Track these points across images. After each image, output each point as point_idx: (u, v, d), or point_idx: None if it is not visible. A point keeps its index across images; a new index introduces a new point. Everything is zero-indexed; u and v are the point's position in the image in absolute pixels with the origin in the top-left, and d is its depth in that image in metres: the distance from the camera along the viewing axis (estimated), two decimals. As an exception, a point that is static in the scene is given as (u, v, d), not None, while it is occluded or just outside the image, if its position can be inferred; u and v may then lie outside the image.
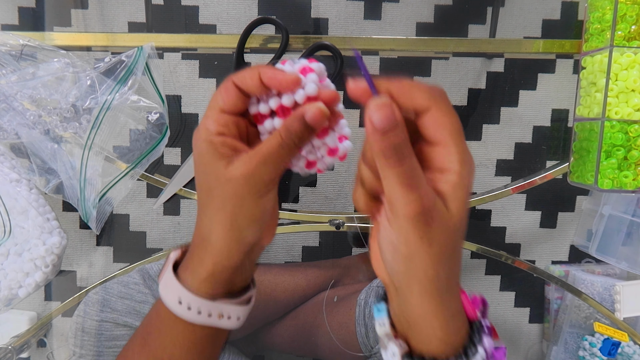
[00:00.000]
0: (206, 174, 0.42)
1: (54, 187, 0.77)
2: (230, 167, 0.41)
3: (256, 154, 0.41)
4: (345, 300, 0.86)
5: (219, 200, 0.42)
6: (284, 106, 0.43)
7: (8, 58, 0.71)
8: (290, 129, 0.41)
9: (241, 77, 0.42)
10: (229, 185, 0.41)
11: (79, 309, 0.76)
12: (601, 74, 0.69)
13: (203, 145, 0.42)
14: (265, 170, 0.41)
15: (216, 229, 0.42)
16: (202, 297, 0.44)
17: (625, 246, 0.97)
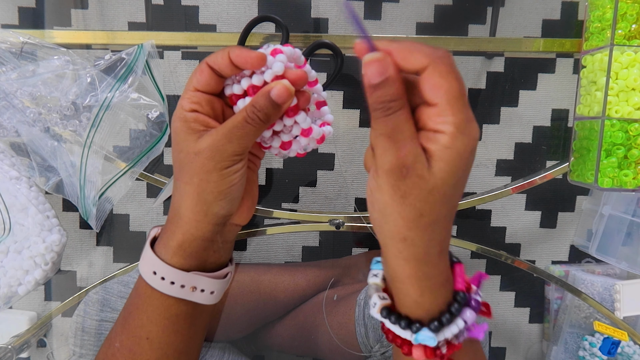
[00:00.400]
0: (179, 150, 0.44)
1: (54, 185, 0.77)
2: (199, 141, 0.43)
3: (222, 127, 0.44)
4: (345, 300, 0.86)
5: (188, 174, 0.44)
6: (255, 85, 0.45)
7: (8, 55, 0.71)
8: (255, 105, 0.43)
9: (213, 57, 0.44)
10: (196, 158, 0.43)
11: (79, 308, 0.76)
12: (601, 72, 0.69)
13: (177, 123, 0.44)
14: (230, 143, 0.43)
15: (185, 201, 0.45)
16: (175, 267, 0.46)
17: (625, 246, 0.97)
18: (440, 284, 0.40)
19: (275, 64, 0.44)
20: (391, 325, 0.41)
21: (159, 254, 0.47)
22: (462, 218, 1.04)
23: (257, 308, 0.88)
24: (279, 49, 0.46)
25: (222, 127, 0.44)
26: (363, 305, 0.81)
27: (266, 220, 1.00)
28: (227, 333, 0.86)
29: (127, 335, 0.48)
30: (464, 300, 0.41)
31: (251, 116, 0.43)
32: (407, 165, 0.36)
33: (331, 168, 1.02)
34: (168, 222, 0.47)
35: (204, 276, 0.47)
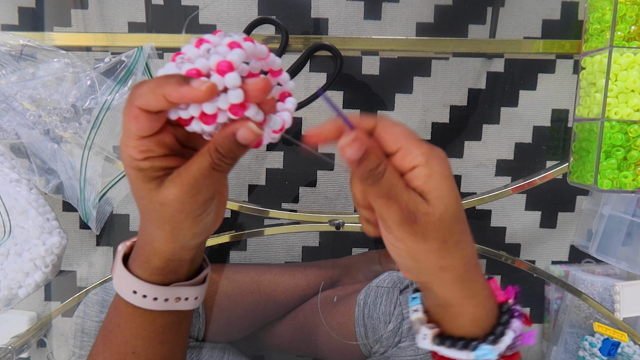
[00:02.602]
0: (141, 197, 0.40)
1: (54, 187, 0.77)
2: (162, 190, 0.39)
3: (187, 175, 0.38)
4: (344, 300, 0.86)
5: (157, 220, 0.40)
6: (205, 114, 0.37)
7: (8, 58, 0.71)
8: (219, 149, 0.38)
9: (144, 99, 0.36)
10: (163, 209, 0.39)
11: (79, 309, 0.76)
12: (601, 74, 0.69)
13: (131, 172, 0.39)
14: (199, 194, 0.39)
15: (158, 240, 0.42)
16: (155, 284, 0.44)
17: (625, 246, 0.97)
18: (487, 297, 0.44)
19: (232, 93, 0.36)
20: (447, 350, 0.43)
21: (135, 274, 0.44)
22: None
23: (257, 308, 0.88)
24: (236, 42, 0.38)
25: (186, 175, 0.38)
26: (362, 306, 0.81)
27: (266, 220, 1.00)
28: (227, 333, 0.86)
29: (111, 352, 0.47)
30: (509, 311, 0.44)
31: (218, 163, 0.38)
32: (410, 212, 0.38)
33: (331, 168, 1.02)
34: (140, 248, 0.44)
35: (185, 286, 0.46)
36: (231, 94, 0.36)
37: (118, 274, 0.45)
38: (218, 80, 0.36)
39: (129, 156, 0.38)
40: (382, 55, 0.99)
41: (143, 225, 0.43)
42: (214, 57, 0.37)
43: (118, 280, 0.45)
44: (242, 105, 0.37)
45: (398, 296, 0.78)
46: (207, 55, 0.38)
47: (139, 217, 0.43)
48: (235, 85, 0.36)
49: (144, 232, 0.43)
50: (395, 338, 0.75)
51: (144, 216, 0.42)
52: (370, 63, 0.99)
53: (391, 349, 0.76)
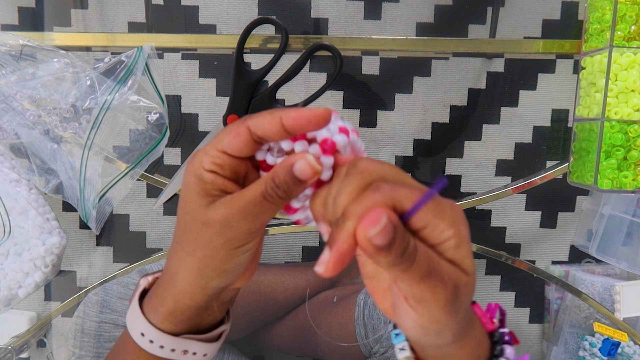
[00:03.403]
0: (186, 211, 0.39)
1: (54, 187, 0.77)
2: (210, 208, 0.37)
3: (237, 198, 0.37)
4: (344, 300, 0.86)
5: (192, 244, 0.39)
6: None
7: (8, 58, 0.71)
8: (274, 179, 0.37)
9: (258, 122, 0.36)
10: (204, 230, 0.38)
11: (79, 310, 0.76)
12: (601, 74, 0.69)
13: (191, 178, 0.38)
14: (245, 221, 0.37)
15: (182, 272, 0.40)
16: (164, 331, 0.42)
17: (625, 246, 0.97)
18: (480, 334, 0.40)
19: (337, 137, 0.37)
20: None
21: (147, 316, 0.42)
22: (462, 218, 1.04)
23: (257, 308, 0.88)
24: (346, 128, 0.38)
25: (238, 199, 0.37)
26: (362, 306, 0.81)
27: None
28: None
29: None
30: (500, 339, 0.41)
31: (270, 192, 0.37)
32: (455, 288, 0.34)
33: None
34: (160, 284, 0.42)
35: (195, 340, 0.43)
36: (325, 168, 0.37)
37: (132, 310, 0.43)
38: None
39: (199, 163, 0.37)
40: (382, 55, 0.99)
41: (171, 254, 0.41)
42: (321, 132, 0.38)
43: (130, 317, 0.43)
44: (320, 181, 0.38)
45: (398, 296, 0.78)
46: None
47: (170, 247, 0.42)
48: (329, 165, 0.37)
49: (169, 263, 0.41)
50: (395, 338, 0.75)
51: (179, 238, 0.40)
52: (370, 63, 0.99)
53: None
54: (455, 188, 1.03)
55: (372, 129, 1.00)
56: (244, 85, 0.71)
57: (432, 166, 1.02)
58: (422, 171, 1.02)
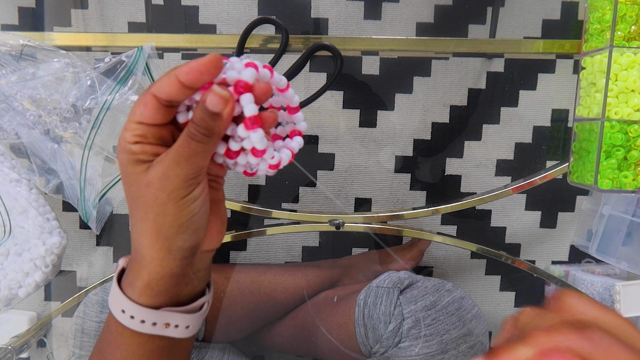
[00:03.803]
0: (129, 183, 0.40)
1: (54, 187, 0.77)
2: (148, 171, 0.39)
3: (169, 152, 0.39)
4: (344, 300, 0.86)
5: (142, 209, 0.40)
6: None
7: (8, 58, 0.71)
8: (194, 119, 0.39)
9: (159, 85, 0.38)
10: (147, 190, 0.39)
11: (79, 310, 0.76)
12: (601, 74, 0.69)
13: (122, 155, 0.39)
14: (179, 167, 0.38)
15: (144, 240, 0.41)
16: (143, 305, 0.42)
17: (625, 246, 0.97)
18: None
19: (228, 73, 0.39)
20: None
21: (125, 291, 0.42)
22: (462, 218, 1.04)
23: (257, 308, 0.88)
24: (253, 63, 0.40)
25: (169, 152, 0.39)
26: (362, 306, 0.81)
27: (266, 220, 1.00)
28: (227, 333, 0.86)
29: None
30: None
31: (193, 132, 0.38)
32: None
33: (331, 168, 1.02)
34: (132, 260, 0.43)
35: (176, 312, 0.43)
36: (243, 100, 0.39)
37: (112, 289, 0.44)
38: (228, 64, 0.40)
39: (123, 139, 0.39)
40: (382, 55, 0.99)
41: (132, 229, 0.42)
42: (230, 73, 0.40)
43: (111, 296, 0.44)
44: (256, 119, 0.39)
45: (398, 296, 0.78)
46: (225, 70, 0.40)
47: (130, 225, 0.42)
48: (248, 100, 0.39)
49: (133, 238, 0.42)
50: (395, 338, 0.75)
51: (132, 212, 0.41)
52: (370, 63, 0.99)
53: (391, 349, 0.76)
54: (455, 188, 1.03)
55: (372, 129, 1.00)
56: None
57: (432, 166, 1.02)
58: (422, 171, 1.02)
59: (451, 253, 1.06)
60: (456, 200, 0.82)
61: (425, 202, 1.04)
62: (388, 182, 1.02)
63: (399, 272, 0.82)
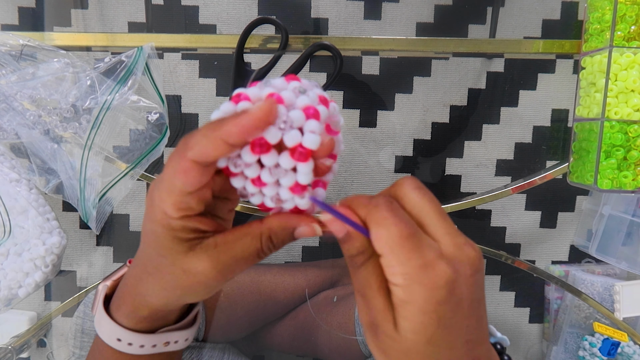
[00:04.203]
0: (161, 255, 0.36)
1: (54, 187, 0.77)
2: (191, 257, 0.35)
3: (226, 254, 0.35)
4: (344, 300, 0.86)
5: (169, 283, 0.36)
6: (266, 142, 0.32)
7: (8, 58, 0.71)
8: (273, 240, 0.35)
9: (199, 151, 0.32)
10: (184, 276, 0.35)
11: (79, 310, 0.76)
12: (601, 74, 0.69)
13: (159, 229, 0.34)
14: (232, 273, 0.36)
15: (156, 298, 0.38)
16: (141, 332, 0.41)
17: (625, 246, 0.97)
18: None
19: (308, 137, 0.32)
20: None
21: (119, 321, 0.40)
22: (462, 218, 1.04)
23: (257, 308, 0.88)
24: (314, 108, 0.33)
25: (226, 254, 0.35)
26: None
27: (266, 220, 0.99)
28: (227, 333, 0.86)
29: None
30: None
31: (266, 251, 0.35)
32: (375, 323, 0.33)
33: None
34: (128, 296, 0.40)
35: (173, 331, 0.42)
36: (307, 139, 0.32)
37: (99, 319, 0.41)
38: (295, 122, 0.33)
39: (162, 212, 0.34)
40: (382, 55, 0.99)
41: (140, 276, 0.38)
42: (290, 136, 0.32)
43: (100, 325, 0.41)
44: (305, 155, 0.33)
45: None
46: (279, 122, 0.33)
47: (136, 265, 0.39)
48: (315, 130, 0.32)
49: (138, 283, 0.39)
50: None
51: (152, 271, 0.37)
52: (370, 63, 0.99)
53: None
54: (455, 188, 1.03)
55: (372, 129, 1.00)
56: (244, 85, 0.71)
57: (432, 166, 1.02)
58: (422, 171, 1.02)
59: (451, 253, 1.06)
60: (456, 200, 0.82)
61: (425, 202, 1.03)
62: (388, 182, 1.02)
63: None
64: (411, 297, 0.31)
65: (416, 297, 0.31)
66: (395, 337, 0.32)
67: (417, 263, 0.31)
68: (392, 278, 0.32)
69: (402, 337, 0.32)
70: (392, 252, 0.32)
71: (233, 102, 0.34)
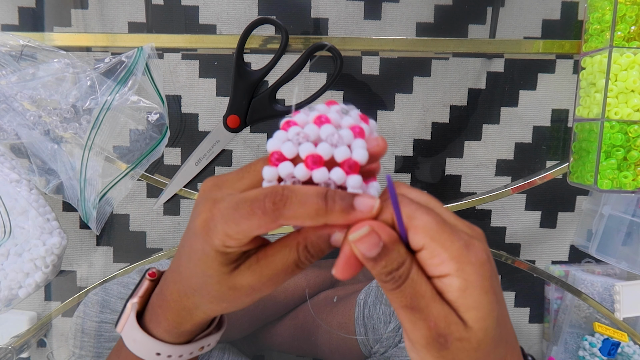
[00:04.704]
0: (208, 275, 0.36)
1: (54, 188, 0.77)
2: (236, 275, 0.36)
3: (268, 267, 0.35)
4: (344, 300, 0.86)
5: (216, 299, 0.38)
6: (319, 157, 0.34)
7: (8, 58, 0.71)
8: (310, 250, 0.35)
9: (297, 223, 0.33)
10: (231, 292, 0.36)
11: (79, 310, 0.76)
12: (601, 74, 0.69)
13: (211, 252, 0.35)
14: (275, 285, 0.36)
15: (205, 312, 0.39)
16: (182, 344, 0.42)
17: (625, 246, 0.97)
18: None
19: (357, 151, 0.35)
20: None
21: (159, 337, 0.42)
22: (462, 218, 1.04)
23: (257, 308, 0.88)
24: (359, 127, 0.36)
25: (266, 266, 0.35)
26: (362, 306, 0.81)
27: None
28: (227, 333, 0.86)
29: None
30: None
31: (303, 261, 0.35)
32: (442, 333, 0.31)
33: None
34: (169, 311, 0.41)
35: (207, 337, 0.45)
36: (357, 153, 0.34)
37: (134, 336, 0.42)
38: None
39: (222, 241, 0.34)
40: (382, 55, 0.99)
41: (185, 292, 0.39)
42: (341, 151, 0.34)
43: (135, 343, 0.42)
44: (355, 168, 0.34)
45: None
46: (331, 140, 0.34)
47: (176, 281, 0.40)
48: (356, 186, 0.33)
49: (183, 299, 0.39)
50: (395, 338, 0.75)
51: (198, 288, 0.38)
52: (370, 63, 0.99)
53: (391, 349, 0.76)
54: (455, 188, 1.03)
55: (372, 129, 1.00)
56: (244, 85, 0.71)
57: (432, 166, 1.02)
58: (422, 171, 1.02)
59: (451, 253, 1.06)
60: (456, 200, 0.82)
61: (425, 202, 1.03)
62: (388, 182, 1.02)
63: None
64: (468, 280, 0.30)
65: (473, 278, 0.30)
66: (466, 336, 0.31)
67: (460, 244, 0.31)
68: (441, 268, 0.31)
69: (474, 332, 0.31)
70: (434, 239, 0.31)
71: (283, 130, 0.35)
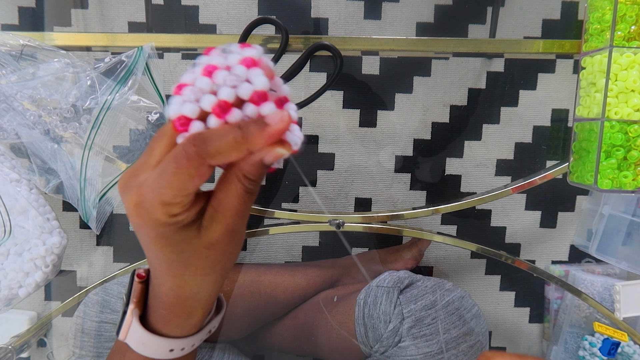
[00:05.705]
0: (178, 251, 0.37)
1: (54, 187, 0.77)
2: (204, 233, 0.37)
3: (227, 208, 0.37)
4: (344, 300, 0.86)
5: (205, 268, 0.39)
6: (225, 102, 0.35)
7: (8, 58, 0.71)
8: (249, 176, 0.37)
9: (225, 158, 0.35)
10: (211, 251, 0.38)
11: (79, 310, 0.76)
12: (601, 74, 0.69)
13: (166, 230, 0.36)
14: (245, 219, 0.38)
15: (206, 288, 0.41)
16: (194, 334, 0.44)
17: (625, 246, 0.97)
18: None
19: (257, 79, 0.35)
20: None
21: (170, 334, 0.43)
22: (462, 218, 1.04)
23: (257, 308, 0.88)
24: (251, 59, 0.36)
25: (227, 209, 0.37)
26: (362, 305, 0.81)
27: (266, 220, 1.00)
28: (228, 333, 0.86)
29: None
30: None
31: (250, 187, 0.37)
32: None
33: (331, 168, 1.02)
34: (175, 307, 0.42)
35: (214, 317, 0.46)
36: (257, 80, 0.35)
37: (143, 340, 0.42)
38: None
39: (164, 213, 0.35)
40: (382, 55, 0.99)
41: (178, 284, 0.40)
42: (244, 87, 0.35)
43: (144, 346, 0.43)
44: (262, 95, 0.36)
45: (398, 296, 0.78)
46: (229, 82, 0.36)
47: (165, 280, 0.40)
48: (271, 110, 0.35)
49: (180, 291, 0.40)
50: (395, 338, 0.75)
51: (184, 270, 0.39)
52: (370, 63, 0.99)
53: (391, 348, 0.76)
54: (455, 188, 1.03)
55: (372, 129, 1.00)
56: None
57: (432, 166, 1.02)
58: (422, 171, 1.02)
59: (451, 253, 1.06)
60: (456, 200, 0.82)
61: (425, 202, 1.04)
62: (388, 182, 1.02)
63: (398, 272, 0.82)
64: None
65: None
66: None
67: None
68: None
69: None
70: None
71: (177, 94, 0.37)
